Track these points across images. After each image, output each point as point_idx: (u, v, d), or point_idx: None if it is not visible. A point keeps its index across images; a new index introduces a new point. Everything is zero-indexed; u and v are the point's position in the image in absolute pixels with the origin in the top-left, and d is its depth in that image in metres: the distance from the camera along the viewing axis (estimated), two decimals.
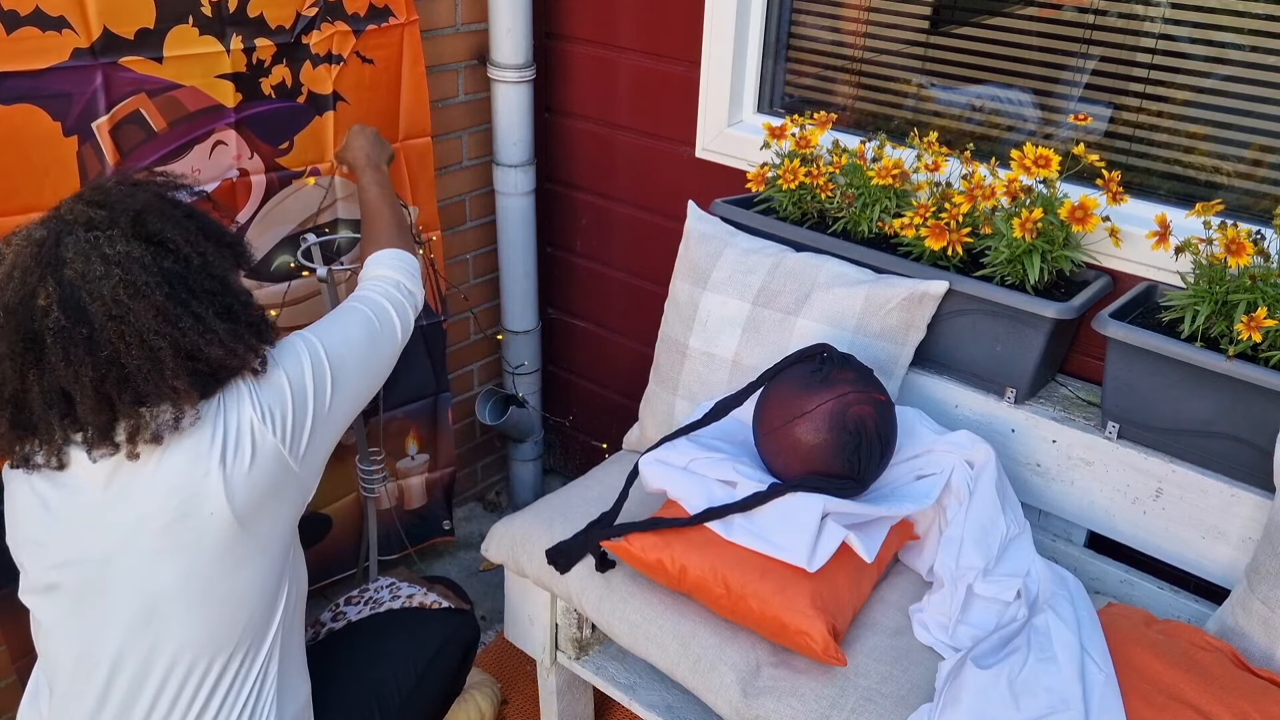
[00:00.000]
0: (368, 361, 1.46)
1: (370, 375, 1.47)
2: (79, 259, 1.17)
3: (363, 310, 1.48)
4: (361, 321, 1.47)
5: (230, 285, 1.30)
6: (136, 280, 1.17)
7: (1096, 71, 1.75)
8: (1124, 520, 1.67)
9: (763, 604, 1.47)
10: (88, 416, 1.18)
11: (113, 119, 1.68)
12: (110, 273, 1.16)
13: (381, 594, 1.79)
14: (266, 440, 1.27)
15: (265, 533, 1.30)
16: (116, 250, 1.18)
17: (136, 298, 1.17)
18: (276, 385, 1.31)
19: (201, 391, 1.23)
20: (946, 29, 1.91)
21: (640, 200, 2.41)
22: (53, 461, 1.23)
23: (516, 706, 2.21)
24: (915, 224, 1.74)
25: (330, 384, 1.37)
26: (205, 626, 1.29)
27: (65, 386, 1.17)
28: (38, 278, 1.16)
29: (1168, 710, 1.33)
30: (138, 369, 1.17)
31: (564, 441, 2.91)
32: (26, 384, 1.18)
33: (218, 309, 1.25)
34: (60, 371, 1.16)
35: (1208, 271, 1.52)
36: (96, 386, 1.17)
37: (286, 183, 1.94)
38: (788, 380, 1.62)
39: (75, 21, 1.59)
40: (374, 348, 1.47)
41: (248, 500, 1.26)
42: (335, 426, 1.40)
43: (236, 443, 1.25)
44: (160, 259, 1.21)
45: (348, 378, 1.40)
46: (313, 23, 1.88)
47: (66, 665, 1.33)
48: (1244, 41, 1.60)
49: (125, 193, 1.26)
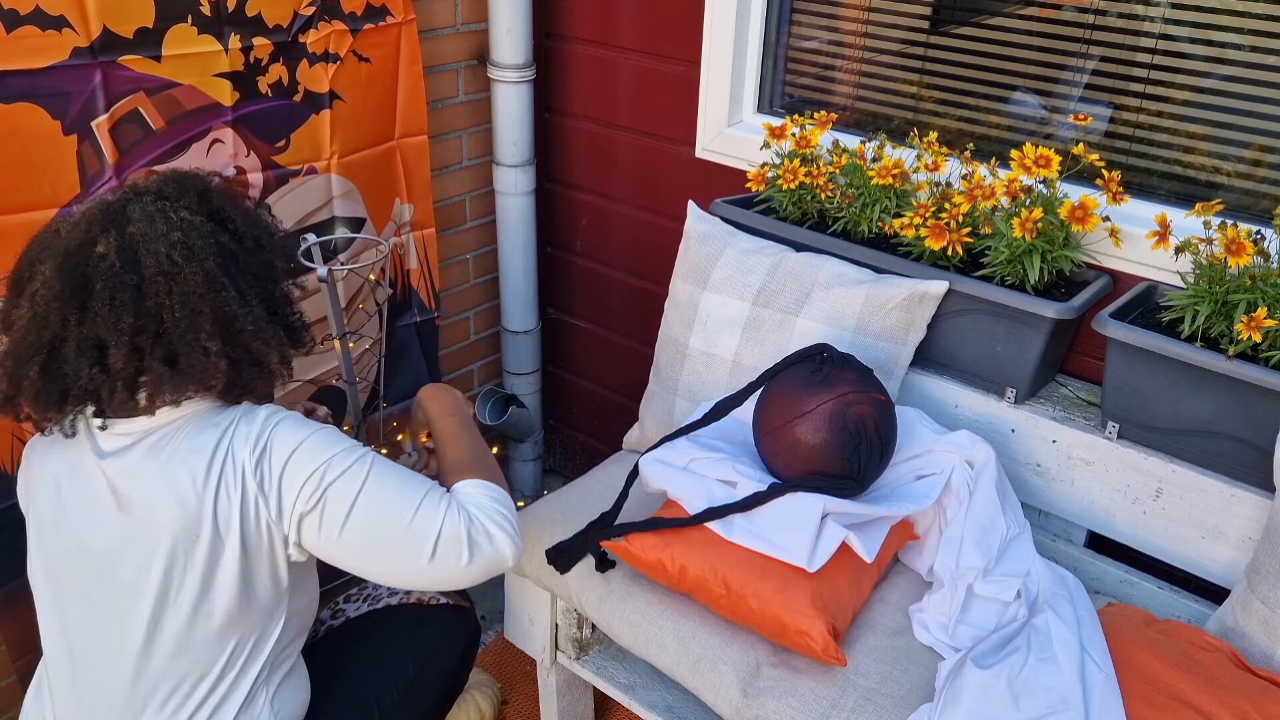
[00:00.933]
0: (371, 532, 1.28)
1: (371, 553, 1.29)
2: (144, 219, 1.23)
3: (418, 495, 1.29)
4: (405, 497, 1.28)
5: (276, 277, 1.35)
6: (193, 244, 1.24)
7: (1096, 71, 1.75)
8: (1124, 520, 1.67)
9: (763, 604, 1.47)
10: (118, 364, 1.21)
11: (112, 117, 1.68)
12: (170, 234, 1.23)
13: (380, 590, 1.79)
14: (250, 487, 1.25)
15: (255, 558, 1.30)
16: (180, 217, 1.25)
17: (190, 260, 1.23)
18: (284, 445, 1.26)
19: (226, 375, 1.25)
20: (946, 29, 1.91)
21: (640, 200, 2.41)
22: (66, 427, 1.26)
23: (516, 706, 2.21)
24: (915, 224, 1.74)
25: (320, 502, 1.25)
26: (201, 629, 1.29)
27: (102, 334, 1.21)
28: (101, 229, 1.23)
29: (1168, 710, 1.33)
30: (175, 325, 1.22)
31: (564, 441, 2.91)
32: (66, 330, 1.22)
33: (260, 292, 1.30)
34: (102, 316, 1.20)
35: (1208, 271, 1.52)
36: (133, 336, 1.21)
37: (283, 181, 1.95)
38: (788, 380, 1.62)
39: (75, 20, 1.59)
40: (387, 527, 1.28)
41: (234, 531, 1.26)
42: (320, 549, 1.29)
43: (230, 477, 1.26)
44: (218, 233, 1.28)
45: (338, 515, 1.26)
46: (310, 22, 1.88)
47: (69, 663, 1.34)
48: (1244, 41, 1.60)
49: (196, 175, 1.35)
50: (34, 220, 1.64)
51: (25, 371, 1.23)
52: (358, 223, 2.10)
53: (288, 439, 1.26)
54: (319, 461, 1.26)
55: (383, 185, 2.14)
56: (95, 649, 1.31)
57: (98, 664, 1.31)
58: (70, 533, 1.29)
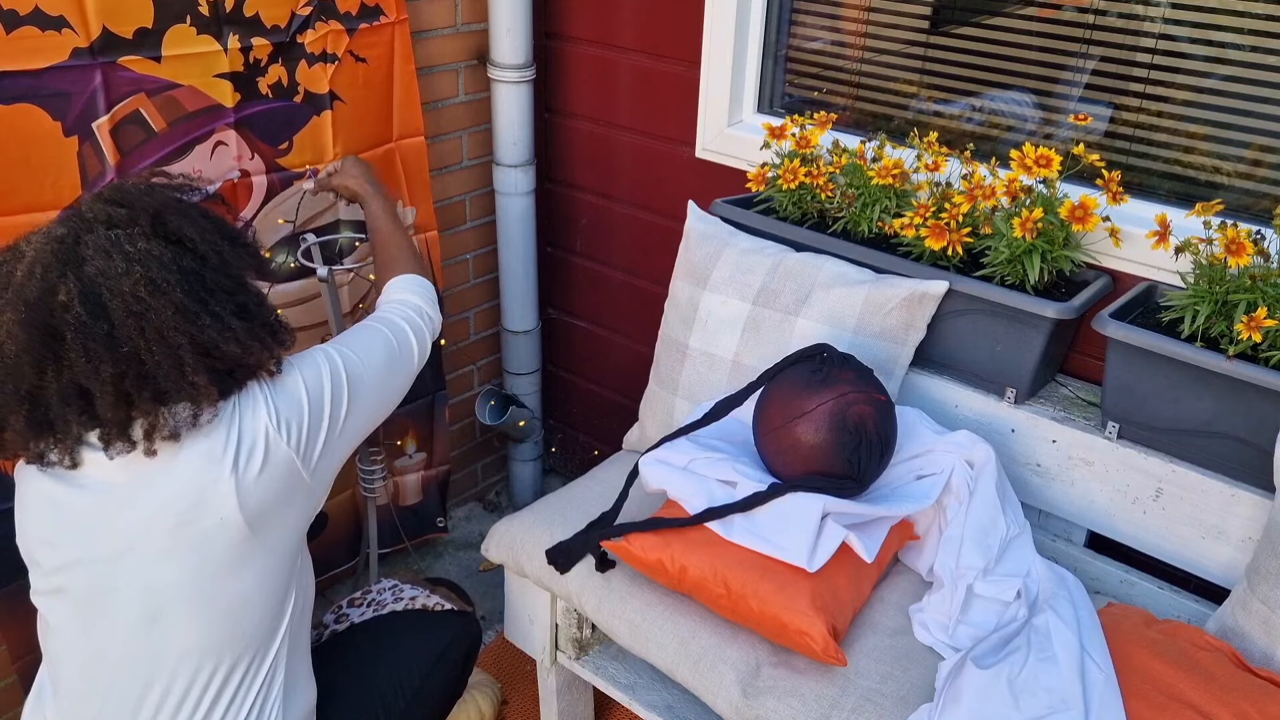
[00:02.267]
0: (384, 382, 1.47)
1: (386, 396, 1.48)
2: (99, 256, 1.18)
3: (383, 331, 1.49)
4: (382, 341, 1.48)
5: (246, 285, 1.31)
6: (156, 278, 1.19)
7: (1096, 71, 1.75)
8: (1124, 520, 1.67)
9: (763, 604, 1.47)
10: (106, 413, 1.18)
11: (113, 119, 1.68)
12: (131, 270, 1.18)
13: (384, 596, 1.80)
14: (280, 449, 1.28)
15: (274, 538, 1.31)
16: (137, 248, 1.19)
17: (156, 295, 1.18)
18: (294, 394, 1.32)
19: (220, 389, 1.24)
20: (946, 29, 1.91)
21: (640, 200, 2.41)
22: (66, 460, 1.23)
23: (516, 706, 2.21)
24: (915, 224, 1.74)
25: (347, 400, 1.38)
26: (211, 630, 1.29)
27: (84, 383, 1.18)
28: (58, 274, 1.17)
29: (1168, 710, 1.33)
30: (157, 366, 1.18)
31: (564, 441, 2.91)
32: (44, 381, 1.18)
33: (234, 308, 1.26)
34: (80, 368, 1.16)
35: (1208, 271, 1.52)
36: (116, 383, 1.17)
37: (287, 183, 1.95)
38: (788, 380, 1.62)
39: (74, 21, 1.59)
40: (391, 369, 1.48)
41: (258, 507, 1.26)
42: (347, 442, 1.40)
43: (250, 449, 1.26)
44: (179, 257, 1.23)
45: (365, 395, 1.41)
46: (307, 22, 1.88)
47: (72, 665, 1.33)
48: (1244, 41, 1.60)
49: (144, 192, 1.28)
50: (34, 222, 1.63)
51: (9, 422, 1.20)
52: (358, 224, 2.10)
53: (290, 388, 1.32)
54: (326, 380, 1.36)
55: None
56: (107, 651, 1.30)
57: (109, 666, 1.30)
58: (75, 543, 1.27)
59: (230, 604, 1.29)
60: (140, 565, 1.25)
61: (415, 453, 2.42)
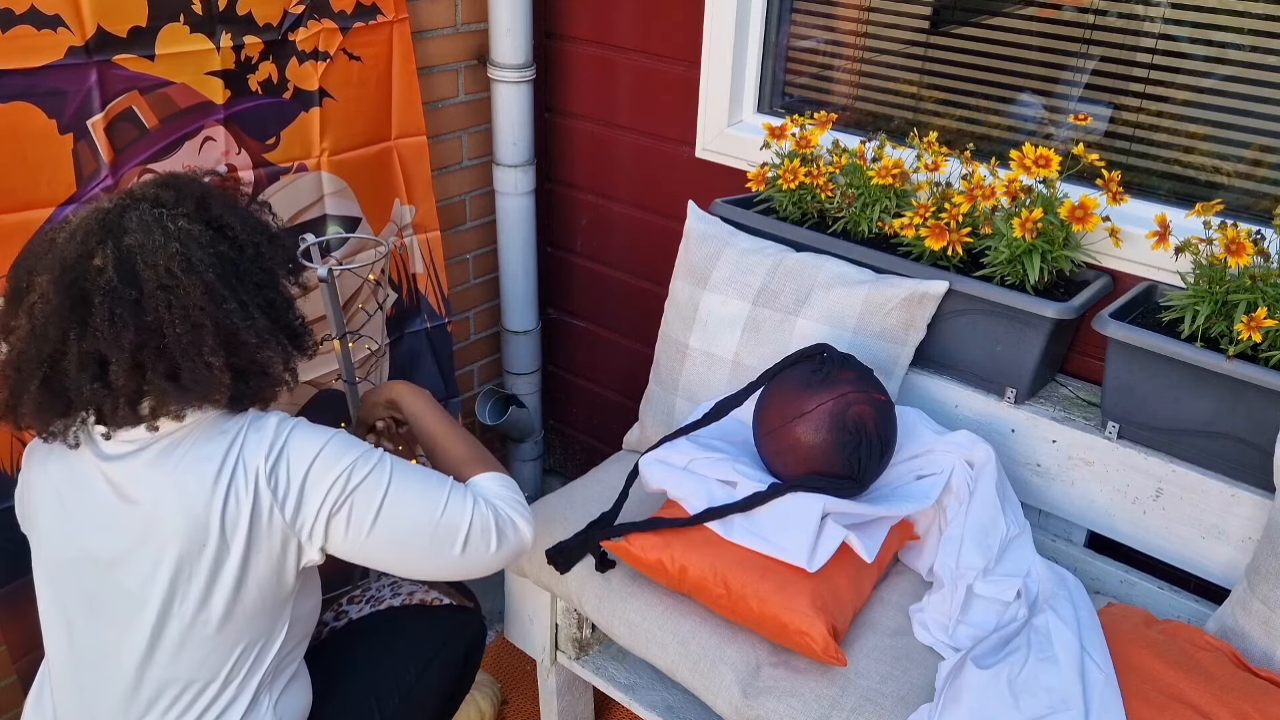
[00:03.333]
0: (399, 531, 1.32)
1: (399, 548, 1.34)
2: (140, 229, 1.20)
3: (442, 494, 1.34)
4: (429, 497, 1.33)
5: (277, 282, 1.33)
6: (192, 256, 1.21)
7: (1096, 71, 1.75)
8: (1124, 520, 1.67)
9: (763, 604, 1.47)
10: (119, 380, 1.20)
11: (107, 116, 1.68)
12: (168, 245, 1.20)
13: (383, 591, 1.79)
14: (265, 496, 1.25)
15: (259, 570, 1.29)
16: (178, 226, 1.23)
17: (189, 272, 1.20)
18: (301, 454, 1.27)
19: (231, 386, 1.24)
20: (946, 29, 1.91)
21: (640, 200, 2.41)
22: (69, 438, 1.24)
23: (516, 706, 2.21)
24: (915, 224, 1.74)
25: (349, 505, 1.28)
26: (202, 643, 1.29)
27: (103, 349, 1.19)
28: (97, 240, 1.20)
29: (1168, 710, 1.33)
30: (177, 340, 1.20)
31: (564, 441, 2.91)
32: (66, 344, 1.20)
33: (262, 302, 1.28)
34: (102, 332, 1.18)
35: (1208, 271, 1.52)
36: (134, 352, 1.19)
37: (274, 178, 1.95)
38: (788, 380, 1.62)
39: (70, 20, 1.59)
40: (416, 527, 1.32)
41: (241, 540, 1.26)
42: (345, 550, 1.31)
43: (241, 484, 1.25)
44: (217, 242, 1.25)
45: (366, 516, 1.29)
46: (300, 20, 1.88)
47: (67, 665, 1.34)
48: (1244, 41, 1.60)
49: (194, 179, 1.32)
50: (31, 220, 1.65)
51: (26, 385, 1.22)
52: (352, 222, 2.10)
53: (305, 447, 1.27)
54: (342, 466, 1.28)
55: (379, 185, 2.14)
56: (98, 654, 1.31)
57: (101, 669, 1.31)
58: (74, 540, 1.28)
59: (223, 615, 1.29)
60: (133, 573, 1.26)
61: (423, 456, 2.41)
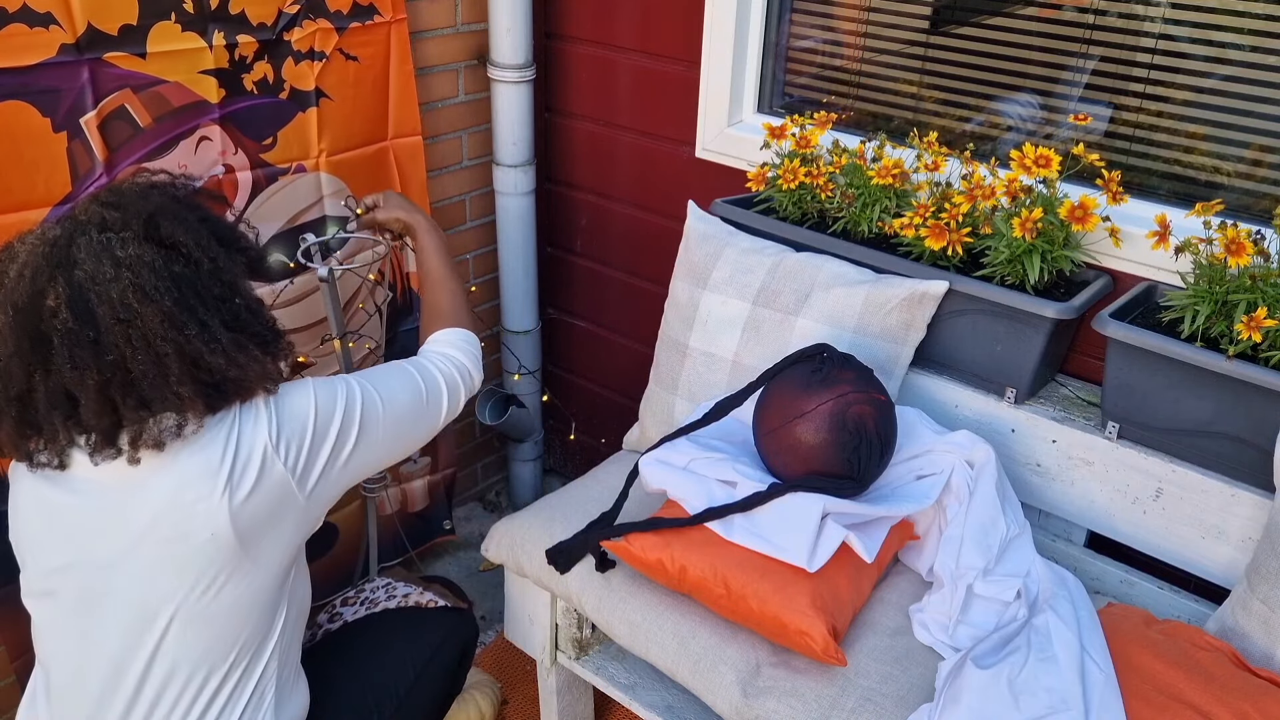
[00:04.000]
0: (402, 427, 1.44)
1: (402, 441, 1.46)
2: (90, 260, 1.17)
3: (416, 378, 1.47)
4: (411, 388, 1.46)
5: (240, 292, 1.29)
6: (145, 284, 1.17)
7: (1096, 71, 1.75)
8: (1124, 520, 1.67)
9: (763, 604, 1.47)
10: (90, 420, 1.18)
11: (100, 114, 1.69)
12: (120, 275, 1.17)
13: (378, 594, 1.79)
14: (275, 467, 1.27)
15: (265, 554, 1.30)
16: (128, 253, 1.18)
17: (145, 302, 1.17)
18: (300, 415, 1.30)
19: (207, 402, 1.22)
20: (946, 29, 1.91)
21: (640, 200, 2.41)
22: (54, 461, 1.23)
23: (516, 706, 2.21)
24: (915, 224, 1.74)
25: (356, 434, 1.35)
26: (202, 638, 1.29)
27: (70, 389, 1.17)
28: (47, 278, 1.16)
29: (1168, 710, 1.33)
30: (143, 374, 1.17)
31: (564, 441, 2.91)
32: (33, 384, 1.18)
33: (224, 317, 1.24)
34: (66, 374, 1.16)
35: (1208, 271, 1.52)
36: (100, 390, 1.17)
37: (273, 179, 1.95)
38: (788, 380, 1.62)
39: (61, 17, 1.60)
40: (414, 416, 1.46)
41: (249, 523, 1.26)
42: (350, 476, 1.38)
43: (245, 464, 1.25)
44: (170, 263, 1.21)
45: (376, 435, 1.39)
46: (295, 20, 1.89)
47: (65, 668, 1.33)
48: (1244, 41, 1.60)
49: (140, 194, 1.27)
50: (28, 220, 1.65)
51: (1, 423, 1.21)
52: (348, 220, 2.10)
53: (299, 406, 1.30)
54: (338, 418, 1.34)
55: (377, 185, 2.14)
56: (97, 658, 1.30)
57: (100, 672, 1.30)
58: (68, 546, 1.27)
59: (221, 615, 1.28)
60: (132, 573, 1.25)
61: (420, 457, 2.42)
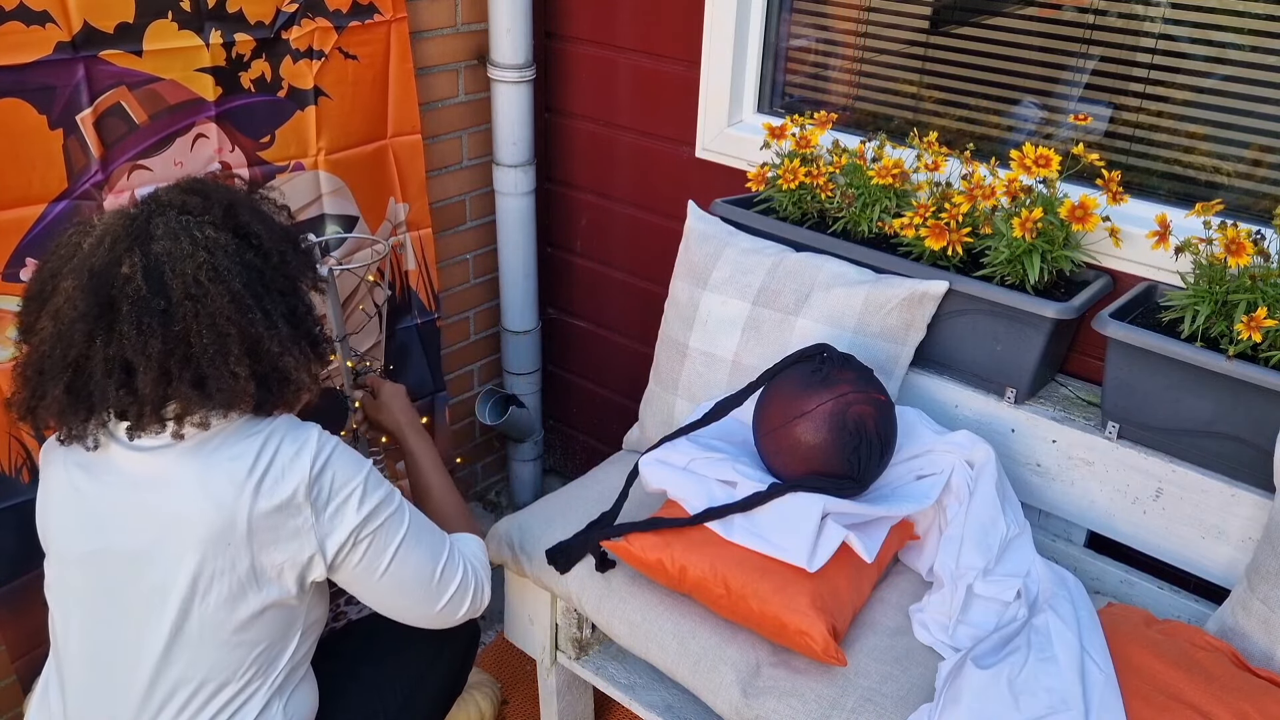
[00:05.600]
0: (406, 576, 1.40)
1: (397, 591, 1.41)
2: (168, 237, 1.21)
3: (442, 550, 1.44)
4: (435, 552, 1.43)
5: (300, 290, 1.34)
6: (219, 265, 1.22)
7: (1096, 71, 1.75)
8: (1124, 520, 1.67)
9: (763, 604, 1.47)
10: (146, 389, 1.20)
11: (95, 111, 1.69)
12: (196, 254, 1.21)
13: None
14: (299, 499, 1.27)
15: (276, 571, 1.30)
16: (205, 235, 1.23)
17: (216, 281, 1.21)
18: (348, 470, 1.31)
19: (256, 395, 1.25)
20: (946, 29, 1.91)
21: (640, 200, 2.41)
22: (89, 441, 1.24)
23: (516, 706, 2.21)
24: (915, 224, 1.74)
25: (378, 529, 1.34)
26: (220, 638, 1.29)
27: (130, 357, 1.20)
28: (125, 247, 1.20)
29: (1168, 710, 1.33)
30: (204, 350, 1.21)
31: (564, 441, 2.91)
32: (92, 350, 1.20)
33: (285, 310, 1.29)
34: (130, 340, 1.19)
35: (1208, 271, 1.52)
36: (162, 360, 1.20)
37: (270, 177, 1.95)
38: (788, 380, 1.62)
39: (57, 16, 1.60)
40: (418, 576, 1.41)
41: (264, 537, 1.26)
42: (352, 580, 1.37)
43: (276, 480, 1.26)
44: (243, 250, 1.26)
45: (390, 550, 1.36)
46: (293, 18, 1.89)
47: (82, 661, 1.33)
48: (1244, 41, 1.60)
49: (219, 186, 1.32)
50: (24, 216, 1.66)
51: (49, 389, 1.22)
52: (350, 221, 2.10)
53: (349, 470, 1.31)
54: (376, 500, 1.34)
55: (375, 184, 2.14)
56: (115, 651, 1.30)
57: (116, 665, 1.30)
58: (93, 535, 1.28)
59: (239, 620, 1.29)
60: (157, 570, 1.26)
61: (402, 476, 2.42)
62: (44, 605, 1.38)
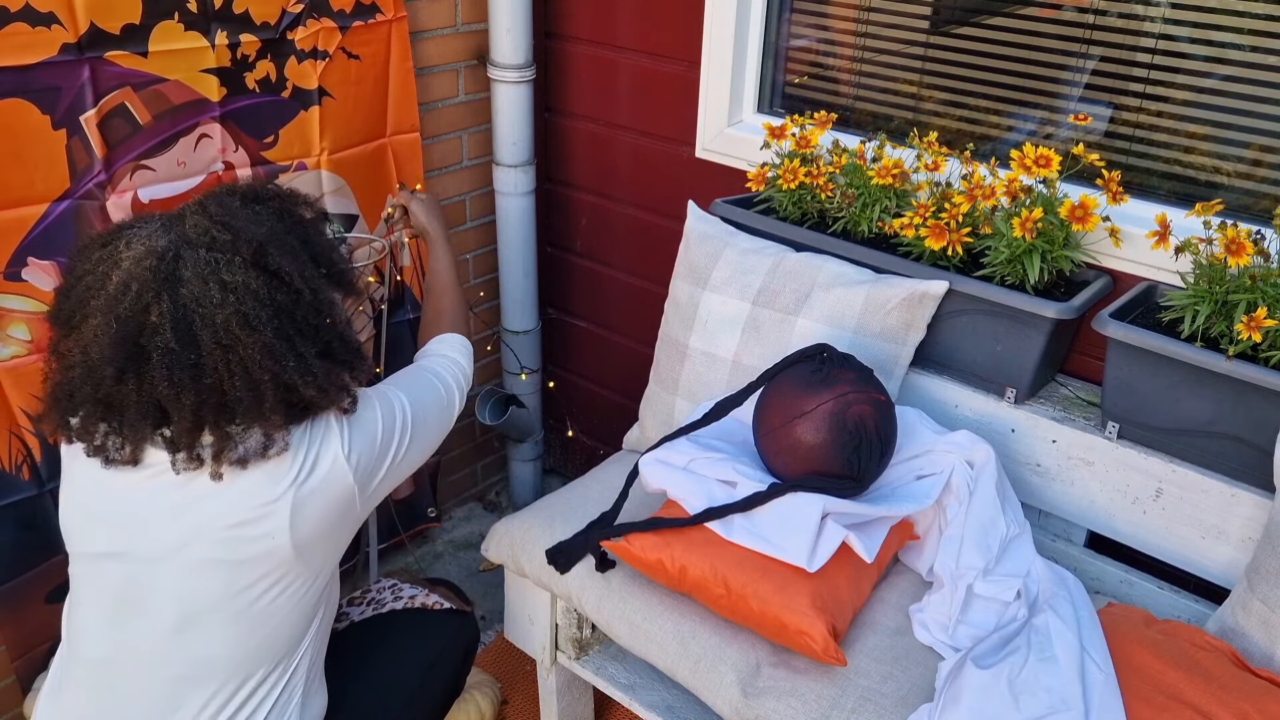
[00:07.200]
0: (432, 428, 1.53)
1: (432, 441, 1.54)
2: (197, 280, 1.17)
3: (438, 384, 1.56)
4: (434, 392, 1.55)
5: (335, 322, 1.31)
6: (249, 313, 1.19)
7: (1096, 71, 1.75)
8: (1124, 520, 1.67)
9: (763, 604, 1.47)
10: (181, 437, 1.20)
11: (99, 112, 1.69)
12: (226, 301, 1.18)
13: (384, 595, 1.80)
14: (345, 479, 1.31)
15: (315, 561, 1.33)
16: (235, 278, 1.19)
17: (247, 330, 1.18)
18: (370, 429, 1.36)
19: (287, 418, 1.25)
20: (946, 29, 1.91)
21: (640, 200, 2.41)
22: (126, 455, 1.23)
23: (516, 706, 2.21)
24: (915, 224, 1.74)
25: (409, 438, 1.43)
26: (240, 641, 1.30)
27: (164, 403, 1.18)
28: (153, 294, 1.17)
29: (1168, 710, 1.33)
30: (238, 399, 1.19)
31: (564, 441, 2.91)
32: (124, 390, 1.18)
33: (319, 348, 1.27)
34: (162, 390, 1.17)
35: (1208, 271, 1.52)
36: (195, 410, 1.18)
37: (273, 177, 1.95)
38: (788, 380, 1.62)
39: (63, 17, 1.61)
40: (440, 419, 1.56)
41: (309, 531, 1.28)
42: (394, 479, 1.44)
43: (313, 474, 1.27)
44: (274, 291, 1.22)
45: (421, 436, 1.47)
46: (298, 19, 1.89)
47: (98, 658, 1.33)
48: (1244, 41, 1.60)
49: (251, 217, 1.26)
50: (26, 216, 1.66)
51: (77, 410, 1.21)
52: (350, 219, 2.10)
53: (368, 422, 1.36)
54: (397, 420, 1.41)
55: (375, 182, 2.15)
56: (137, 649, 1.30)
57: (138, 663, 1.30)
58: (117, 535, 1.27)
59: (262, 618, 1.30)
60: (183, 570, 1.26)
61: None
62: (43, 604, 1.38)
